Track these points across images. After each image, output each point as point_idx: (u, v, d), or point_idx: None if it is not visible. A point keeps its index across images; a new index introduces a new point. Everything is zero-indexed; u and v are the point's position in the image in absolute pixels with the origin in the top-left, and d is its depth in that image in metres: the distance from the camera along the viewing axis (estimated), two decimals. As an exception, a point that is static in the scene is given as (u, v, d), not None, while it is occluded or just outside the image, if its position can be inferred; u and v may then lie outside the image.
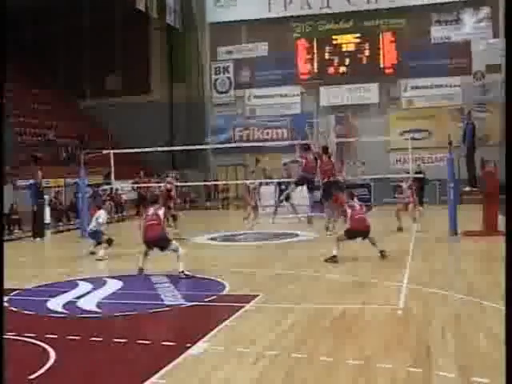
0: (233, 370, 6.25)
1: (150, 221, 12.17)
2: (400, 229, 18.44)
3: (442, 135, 26.23)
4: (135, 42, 37.44)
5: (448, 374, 5.88)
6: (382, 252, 13.10)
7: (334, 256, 12.87)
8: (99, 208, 16.10)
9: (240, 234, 18.65)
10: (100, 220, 15.29)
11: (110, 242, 15.06)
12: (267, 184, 24.57)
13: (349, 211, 13.26)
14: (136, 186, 28.56)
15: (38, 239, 19.88)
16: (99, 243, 15.10)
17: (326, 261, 12.80)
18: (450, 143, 17.76)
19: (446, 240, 16.27)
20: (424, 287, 9.96)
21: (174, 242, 12.27)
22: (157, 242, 12.11)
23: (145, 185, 27.55)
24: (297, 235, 17.98)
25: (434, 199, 28.15)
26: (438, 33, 33.22)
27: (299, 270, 12.17)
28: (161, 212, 12.38)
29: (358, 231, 13.04)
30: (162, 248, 12.14)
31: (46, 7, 36.44)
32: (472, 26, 32.83)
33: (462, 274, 11.47)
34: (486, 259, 13.21)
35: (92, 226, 15.44)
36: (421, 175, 24.39)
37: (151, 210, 12.43)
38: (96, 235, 15.25)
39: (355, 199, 13.65)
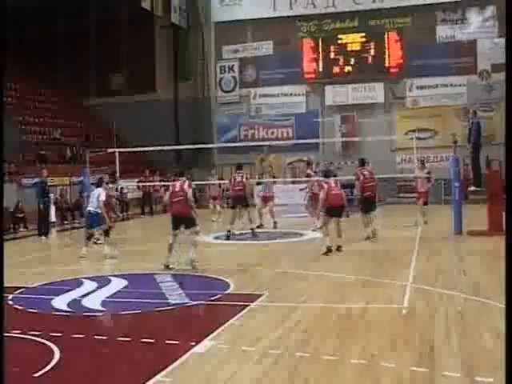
0: (237, 369, 6.25)
1: (177, 197, 12.34)
2: (426, 222, 18.90)
3: (447, 135, 26.20)
4: (140, 40, 37.45)
5: (453, 374, 5.87)
6: (339, 247, 13.84)
7: (329, 248, 13.44)
8: (98, 186, 15.22)
9: (245, 233, 18.64)
10: (101, 198, 14.54)
11: (107, 233, 14.71)
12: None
13: (325, 186, 13.85)
14: (141, 184, 28.60)
15: (44, 237, 19.91)
16: (96, 226, 14.73)
17: (325, 254, 13.37)
18: (455, 142, 17.73)
19: (450, 239, 16.24)
20: (429, 286, 9.94)
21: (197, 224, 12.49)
22: (182, 218, 12.26)
23: (150, 184, 27.62)
24: (301, 235, 17.97)
25: (439, 199, 28.10)
26: (443, 32, 33.15)
27: (304, 269, 12.16)
28: (186, 186, 12.38)
29: (335, 207, 13.63)
30: (187, 226, 12.32)
31: (52, 6, 36.50)
32: (478, 25, 32.75)
33: (467, 273, 11.45)
34: (490, 258, 13.18)
35: (93, 206, 14.66)
36: (426, 175, 24.33)
37: (177, 186, 12.46)
38: (97, 219, 14.60)
39: (331, 178, 14.25)
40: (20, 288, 10.83)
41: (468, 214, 17.53)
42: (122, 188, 27.45)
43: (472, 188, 18.72)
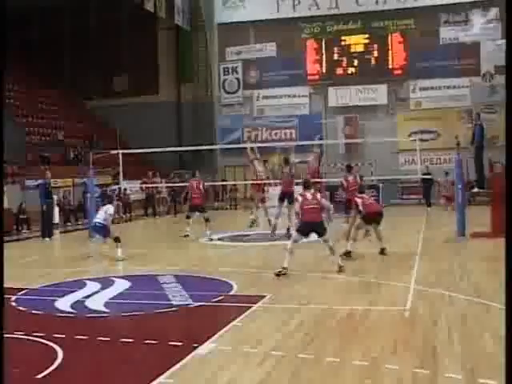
0: (239, 370, 6.27)
1: (195, 193, 12.75)
2: None
3: (450, 136, 26.18)
4: (143, 42, 37.55)
5: (455, 375, 5.88)
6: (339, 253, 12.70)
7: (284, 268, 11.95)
8: (110, 202, 15.82)
9: (248, 235, 18.65)
10: (110, 211, 14.89)
11: (118, 240, 14.75)
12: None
13: (300, 199, 12.18)
14: (144, 186, 28.64)
15: (47, 239, 19.93)
16: (103, 236, 14.89)
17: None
18: (458, 144, 17.74)
19: (453, 241, 16.23)
20: (431, 288, 9.96)
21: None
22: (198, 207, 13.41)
23: (153, 185, 27.67)
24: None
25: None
26: (446, 34, 33.17)
27: (306, 270, 12.17)
28: (201, 185, 13.03)
29: (309, 223, 11.93)
30: (200, 211, 14.09)
31: (54, 7, 36.63)
32: (481, 27, 32.77)
33: (469, 275, 11.45)
34: (493, 260, 13.16)
35: (100, 219, 14.84)
36: (428, 176, 24.37)
37: (194, 184, 12.94)
38: (104, 230, 14.82)
39: (311, 190, 12.43)
40: (23, 289, 10.86)
41: (471, 216, 17.52)
42: (124, 189, 27.53)
43: (475, 190, 18.72)
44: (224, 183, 32.56)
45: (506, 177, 4.87)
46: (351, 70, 33.76)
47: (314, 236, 12.08)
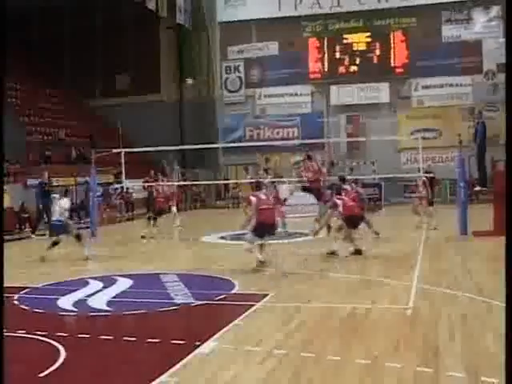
0: (241, 369, 6.28)
1: None
2: (420, 226, 18.58)
3: (452, 135, 26.16)
4: (145, 41, 37.51)
5: (457, 374, 5.88)
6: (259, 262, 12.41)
7: (261, 262, 12.25)
8: (65, 195, 15.09)
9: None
10: (66, 206, 14.33)
11: (79, 237, 14.30)
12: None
13: (254, 200, 12.02)
14: (146, 184, 28.53)
15: (46, 236, 19.86)
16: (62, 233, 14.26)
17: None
18: (460, 142, 17.74)
19: (455, 240, 16.23)
20: (433, 287, 9.96)
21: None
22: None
23: (155, 184, 27.55)
24: (306, 235, 17.95)
25: (444, 199, 28.11)
26: (448, 32, 33.15)
27: (308, 269, 12.18)
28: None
29: (265, 224, 11.96)
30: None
31: (57, 7, 36.62)
32: (483, 25, 32.75)
33: (471, 273, 11.45)
34: (495, 259, 13.14)
35: (58, 216, 14.32)
36: (430, 175, 24.32)
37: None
38: (65, 228, 14.29)
39: (264, 190, 12.45)
40: (26, 288, 10.88)
41: (473, 214, 17.51)
42: (127, 188, 27.54)
43: (477, 188, 18.71)
44: (226, 182, 32.56)
45: (506, 177, 4.87)
46: (353, 68, 33.76)
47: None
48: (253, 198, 12.00)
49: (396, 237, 17.28)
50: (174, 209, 21.91)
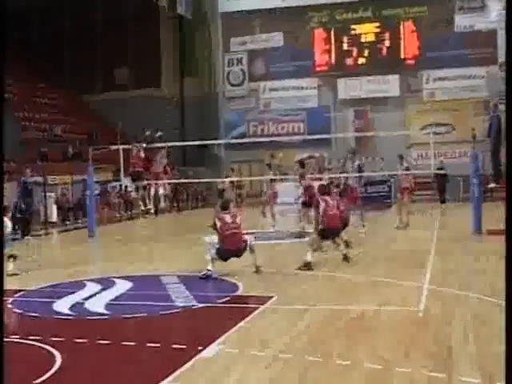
0: (246, 373, 6.28)
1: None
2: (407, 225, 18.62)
3: (465, 129, 26.15)
4: (145, 34, 37.54)
5: (471, 379, 5.85)
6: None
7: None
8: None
9: (254, 233, 18.65)
10: (8, 230, 13.25)
11: (14, 257, 13.09)
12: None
13: (218, 223, 11.91)
14: (146, 183, 28.45)
15: (30, 238, 19.84)
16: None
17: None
18: (474, 137, 17.69)
19: (469, 239, 16.21)
20: (445, 288, 9.94)
21: None
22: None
23: (154, 181, 27.44)
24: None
25: (457, 196, 28.07)
26: (461, 21, 33.08)
27: (314, 269, 12.17)
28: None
29: (230, 250, 11.88)
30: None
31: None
32: (498, 14, 32.61)
33: (485, 273, 11.43)
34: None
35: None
36: (443, 171, 24.32)
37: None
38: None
39: (231, 210, 12.36)
40: (20, 291, 10.89)
41: (487, 212, 17.48)
42: (126, 186, 27.56)
43: (492, 185, 18.67)
44: (228, 180, 32.52)
45: (506, 176, 4.87)
46: (361, 60, 33.77)
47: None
48: (217, 221, 11.90)
49: (406, 235, 17.25)
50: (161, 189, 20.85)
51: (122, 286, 11.15)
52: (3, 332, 4.96)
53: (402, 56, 33.18)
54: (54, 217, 24.32)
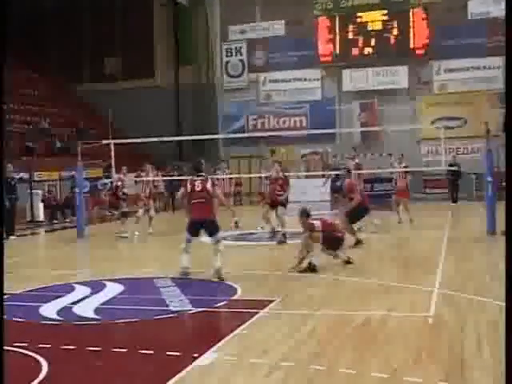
0: (244, 383, 6.26)
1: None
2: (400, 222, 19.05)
3: (478, 123, 26.08)
4: (137, 20, 37.46)
5: (485, 389, 5.87)
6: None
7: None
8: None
9: (253, 233, 18.66)
10: None
11: None
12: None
13: (182, 189, 12.35)
14: (138, 179, 28.27)
15: (13, 237, 19.83)
16: None
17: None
18: (488, 132, 17.66)
19: (483, 240, 16.20)
20: (458, 292, 9.94)
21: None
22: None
23: (148, 178, 27.38)
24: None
25: (470, 195, 28.07)
26: (475, 8, 32.96)
27: (318, 272, 12.16)
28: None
29: (197, 220, 12.04)
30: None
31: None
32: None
33: (501, 277, 11.40)
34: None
35: None
36: (455, 168, 24.31)
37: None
38: None
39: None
40: (4, 294, 10.86)
41: (502, 211, 17.45)
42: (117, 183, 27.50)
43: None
44: (226, 177, 32.49)
45: (506, 177, 4.86)
46: (368, 50, 33.65)
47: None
48: (182, 188, 12.32)
49: (415, 237, 17.26)
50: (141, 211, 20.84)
51: (112, 289, 11.13)
52: (3, 332, 4.95)
53: (412, 45, 33.05)
54: (41, 215, 24.31)
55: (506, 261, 4.65)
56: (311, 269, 12.10)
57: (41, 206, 24.41)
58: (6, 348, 7.53)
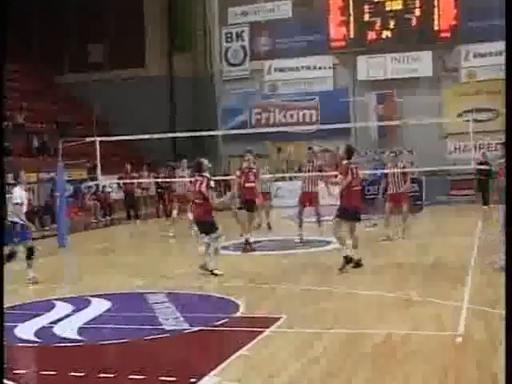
0: (247, 411, 6.28)
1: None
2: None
3: (512, 116, 26.10)
4: (126, 1, 37.47)
5: (519, 416, 5.84)
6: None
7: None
8: (17, 183, 13.77)
9: (259, 242, 18.65)
10: (18, 200, 13.26)
11: (31, 252, 13.59)
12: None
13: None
14: (121, 181, 27.90)
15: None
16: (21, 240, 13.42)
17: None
18: (523, 125, 17.65)
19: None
20: (488, 307, 9.92)
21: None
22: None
23: (133, 181, 27.16)
24: (328, 243, 17.95)
25: (502, 197, 27.99)
26: (508, -16, 32.97)
27: (331, 285, 12.17)
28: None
29: (196, 221, 14.55)
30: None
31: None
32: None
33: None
34: None
35: (11, 214, 13.19)
36: (486, 166, 24.27)
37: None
38: (16, 232, 13.35)
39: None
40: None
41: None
42: (103, 186, 27.56)
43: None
44: (226, 178, 32.56)
45: (506, 177, 4.89)
46: (386, 33, 33.67)
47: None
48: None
49: (441, 244, 17.23)
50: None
51: (98, 306, 11.15)
52: (3, 333, 4.99)
53: (436, 28, 33.05)
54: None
55: (506, 260, 4.66)
56: (356, 262, 13.22)
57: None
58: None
